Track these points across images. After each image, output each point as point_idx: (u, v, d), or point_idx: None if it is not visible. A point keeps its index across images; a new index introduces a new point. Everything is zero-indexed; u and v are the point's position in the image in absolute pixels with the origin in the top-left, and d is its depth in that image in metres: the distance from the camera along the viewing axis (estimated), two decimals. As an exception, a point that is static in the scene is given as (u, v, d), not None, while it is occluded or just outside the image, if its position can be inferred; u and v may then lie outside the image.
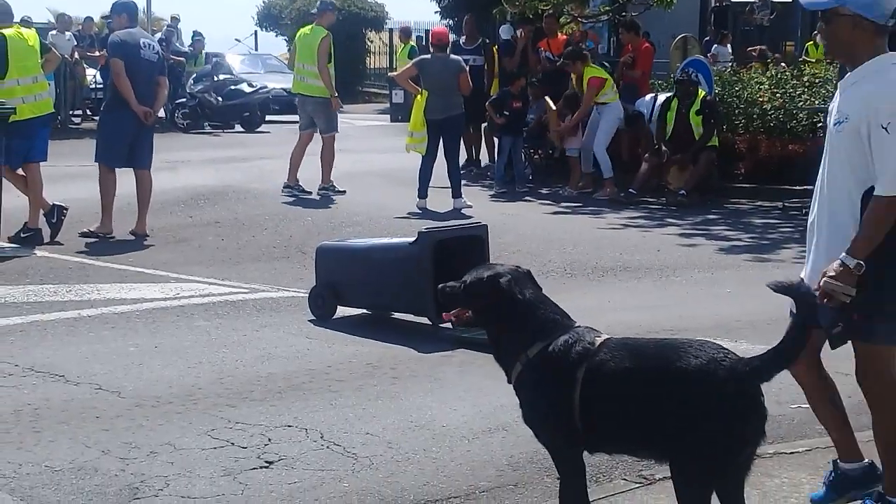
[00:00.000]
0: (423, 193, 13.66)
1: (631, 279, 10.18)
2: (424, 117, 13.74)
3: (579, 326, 4.31)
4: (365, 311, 8.64)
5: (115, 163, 11.83)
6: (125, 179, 12.12)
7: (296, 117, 15.64)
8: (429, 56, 14.71)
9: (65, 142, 12.18)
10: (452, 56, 14.61)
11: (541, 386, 4.23)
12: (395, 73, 17.23)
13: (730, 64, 21.00)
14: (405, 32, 25.17)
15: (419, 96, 13.85)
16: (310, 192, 14.28)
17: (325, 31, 14.55)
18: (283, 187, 14.38)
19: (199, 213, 13.00)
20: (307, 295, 8.70)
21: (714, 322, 8.32)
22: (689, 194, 14.38)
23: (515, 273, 4.40)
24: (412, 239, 8.22)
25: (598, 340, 4.18)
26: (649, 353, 4.15)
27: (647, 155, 15.06)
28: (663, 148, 14.82)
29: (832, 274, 4.30)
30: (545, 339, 4.23)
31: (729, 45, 24.94)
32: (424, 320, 8.16)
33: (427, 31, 35.68)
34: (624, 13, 20.23)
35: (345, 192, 14.31)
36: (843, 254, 4.31)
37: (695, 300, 9.35)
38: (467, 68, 14.59)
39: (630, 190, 14.81)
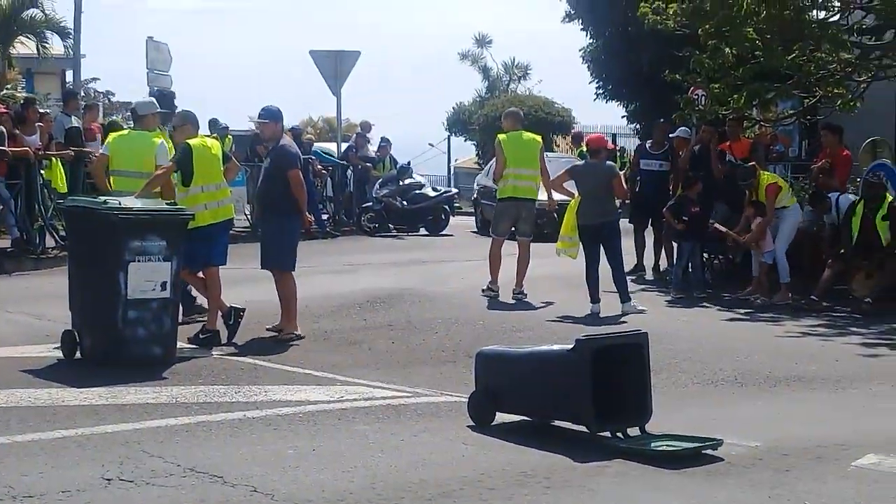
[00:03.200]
0: (594, 298, 13.55)
1: (805, 390, 9.82)
2: (577, 222, 13.82)
3: None
4: (524, 417, 8.56)
5: (294, 266, 12.18)
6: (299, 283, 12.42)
7: None
8: (582, 162, 14.89)
9: (248, 244, 12.49)
10: (607, 162, 14.62)
11: None
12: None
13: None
14: (576, 138, 25.60)
15: (573, 201, 14.00)
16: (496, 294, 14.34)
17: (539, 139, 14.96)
18: (483, 291, 14.49)
19: (373, 316, 13.16)
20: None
21: (888, 437, 7.93)
22: (874, 302, 13.86)
23: None
24: (571, 346, 8.14)
25: None
26: None
27: (830, 261, 14.64)
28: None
29: None
30: None
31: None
32: (583, 428, 8.03)
33: (614, 136, 35.85)
34: (811, 116, 19.84)
35: (526, 294, 14.34)
36: None
37: (871, 414, 8.94)
38: (622, 174, 14.77)
39: (812, 297, 14.38)
